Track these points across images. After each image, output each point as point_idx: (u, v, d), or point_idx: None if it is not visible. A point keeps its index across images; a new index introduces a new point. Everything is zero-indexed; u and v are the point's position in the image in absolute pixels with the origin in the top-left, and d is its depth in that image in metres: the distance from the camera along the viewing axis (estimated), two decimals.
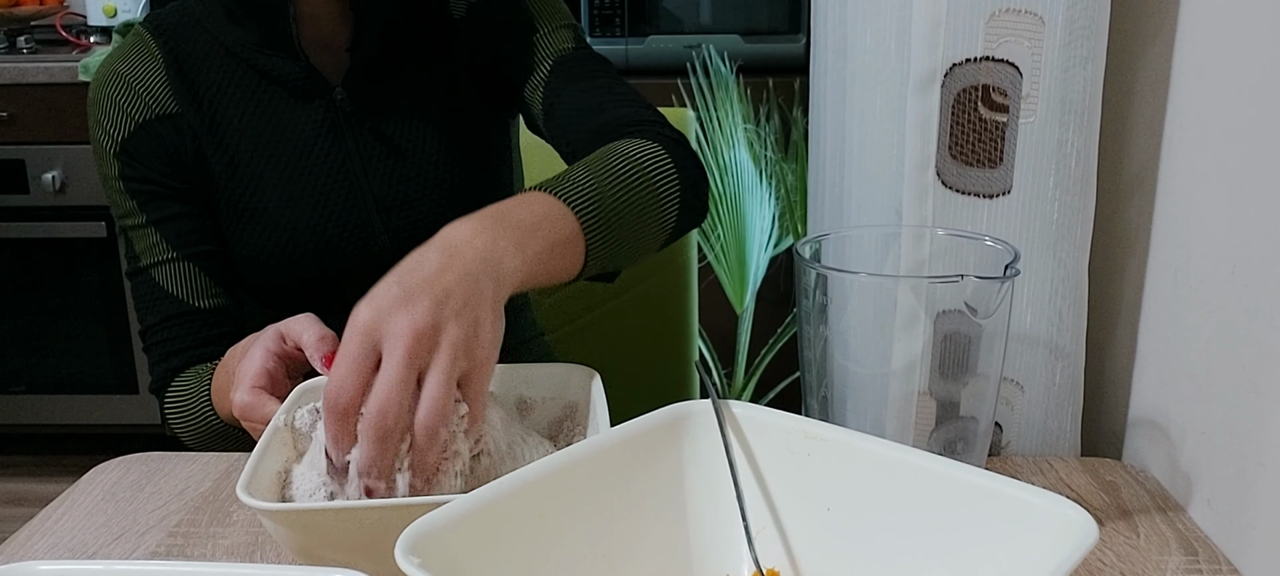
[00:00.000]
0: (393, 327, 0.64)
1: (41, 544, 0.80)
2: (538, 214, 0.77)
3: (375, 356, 0.65)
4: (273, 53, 0.97)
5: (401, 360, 0.63)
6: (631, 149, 0.88)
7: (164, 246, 0.97)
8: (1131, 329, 0.92)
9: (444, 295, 0.66)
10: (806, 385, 0.78)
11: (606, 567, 0.62)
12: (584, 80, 1.00)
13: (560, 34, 1.03)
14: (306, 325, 0.81)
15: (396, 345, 0.64)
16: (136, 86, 0.98)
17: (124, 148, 0.97)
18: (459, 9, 1.04)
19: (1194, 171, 0.83)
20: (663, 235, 0.90)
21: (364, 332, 0.64)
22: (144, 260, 0.98)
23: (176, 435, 1.00)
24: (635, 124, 0.94)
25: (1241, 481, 0.75)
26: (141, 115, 0.97)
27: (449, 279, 0.67)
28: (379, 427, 0.63)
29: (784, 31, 2.37)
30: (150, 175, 0.97)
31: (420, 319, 0.64)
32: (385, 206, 1.00)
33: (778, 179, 2.22)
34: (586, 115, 0.97)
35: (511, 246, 0.72)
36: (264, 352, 0.82)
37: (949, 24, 0.84)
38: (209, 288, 0.99)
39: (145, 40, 1.00)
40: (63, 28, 2.62)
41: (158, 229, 0.97)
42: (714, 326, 2.28)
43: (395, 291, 0.66)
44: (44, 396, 2.64)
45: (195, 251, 0.98)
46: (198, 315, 0.98)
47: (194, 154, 0.98)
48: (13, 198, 2.48)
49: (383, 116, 1.00)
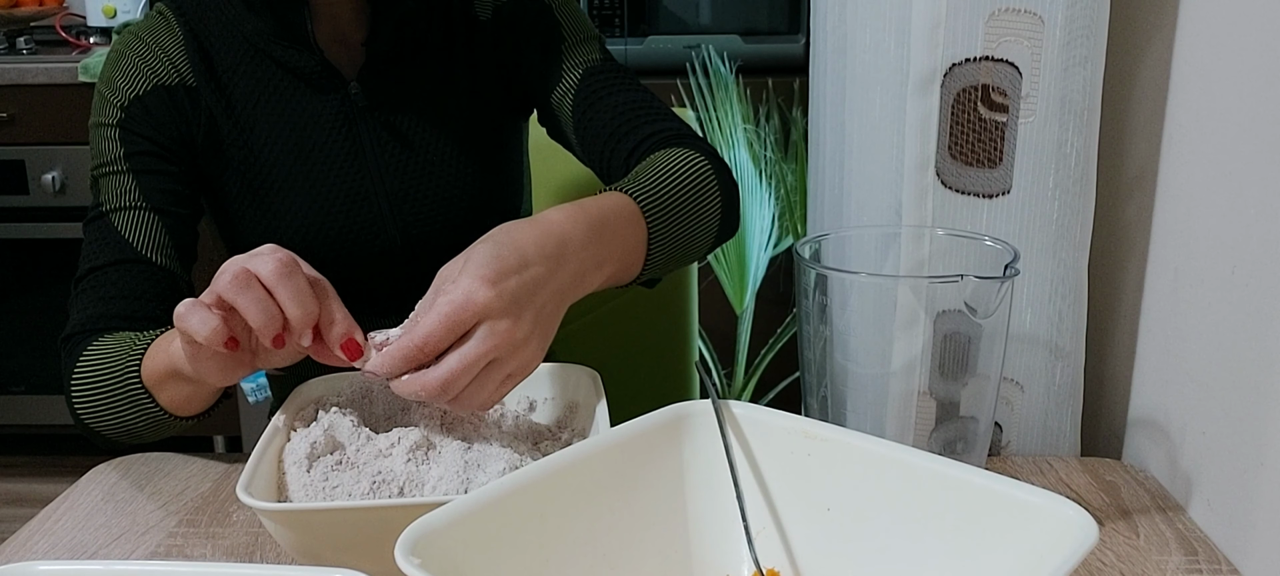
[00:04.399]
0: (496, 326, 0.70)
1: (41, 544, 0.80)
2: (623, 231, 0.83)
3: (471, 327, 0.70)
4: (288, 44, 0.97)
5: (488, 349, 0.70)
6: (682, 159, 0.92)
7: (135, 194, 0.95)
8: (1131, 329, 0.92)
9: (540, 313, 0.73)
10: (806, 385, 0.78)
11: (606, 568, 0.62)
12: (616, 94, 1.01)
13: (588, 45, 1.04)
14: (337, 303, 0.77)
15: (488, 341, 0.70)
16: (159, 52, 0.98)
17: (134, 102, 0.96)
18: (485, 10, 1.04)
19: (1194, 171, 0.83)
20: (707, 244, 0.95)
21: (477, 313, 0.70)
22: (107, 205, 0.96)
23: (73, 397, 0.91)
24: (674, 137, 0.98)
25: (1241, 481, 0.75)
26: (162, 78, 0.97)
27: (547, 294, 0.74)
28: (439, 394, 0.70)
29: (784, 31, 2.37)
30: (152, 133, 0.97)
31: (519, 333, 0.71)
32: (396, 201, 1.00)
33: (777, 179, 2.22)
34: (625, 128, 0.99)
35: (596, 266, 0.79)
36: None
37: (949, 24, 0.84)
38: (165, 245, 0.96)
39: (167, 17, 1.00)
40: (62, 28, 2.62)
41: (136, 178, 0.95)
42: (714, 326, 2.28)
43: (512, 286, 0.71)
44: (44, 396, 2.64)
45: (165, 208, 0.96)
46: (148, 267, 0.95)
47: (206, 131, 0.98)
48: (13, 198, 2.48)
49: (397, 112, 1.00)
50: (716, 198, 0.93)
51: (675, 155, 0.93)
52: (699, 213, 0.91)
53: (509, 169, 1.07)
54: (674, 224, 0.88)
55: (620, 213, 0.83)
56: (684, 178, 0.91)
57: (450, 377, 0.69)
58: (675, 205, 0.88)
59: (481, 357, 0.70)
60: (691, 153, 0.94)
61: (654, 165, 0.91)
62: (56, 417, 2.66)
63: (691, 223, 0.90)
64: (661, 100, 1.04)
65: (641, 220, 0.85)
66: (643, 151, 0.96)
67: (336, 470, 0.71)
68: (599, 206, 0.82)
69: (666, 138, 0.97)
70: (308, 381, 0.81)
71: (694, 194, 0.91)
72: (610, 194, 0.85)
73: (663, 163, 0.91)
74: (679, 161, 0.92)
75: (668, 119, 1.00)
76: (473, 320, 0.70)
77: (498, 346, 0.70)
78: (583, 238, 0.78)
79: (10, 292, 2.59)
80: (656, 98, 1.03)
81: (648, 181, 0.88)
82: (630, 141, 0.98)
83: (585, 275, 0.78)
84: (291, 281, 0.71)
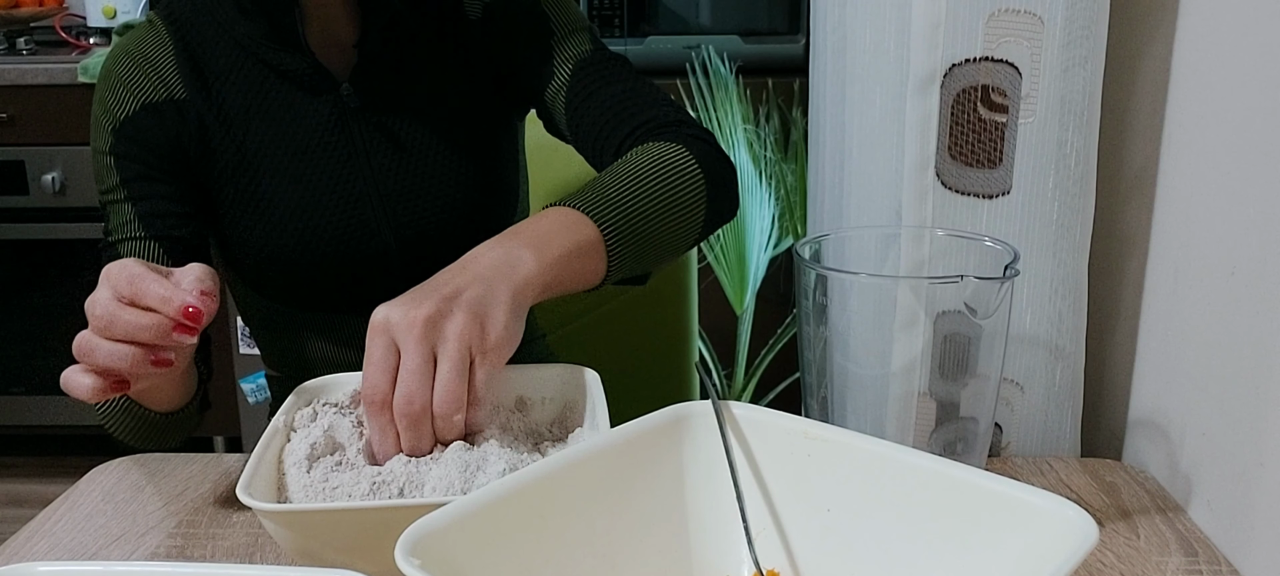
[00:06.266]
0: (404, 321, 0.71)
1: (41, 545, 0.80)
2: (555, 225, 0.82)
3: (396, 352, 0.71)
4: (280, 47, 0.97)
5: (415, 348, 0.70)
6: (653, 152, 0.91)
7: (136, 223, 0.97)
8: (1131, 329, 0.92)
9: (453, 293, 0.73)
10: (806, 385, 0.78)
11: (606, 568, 0.62)
12: (606, 85, 1.00)
13: (578, 37, 1.03)
14: (192, 266, 0.77)
15: (408, 335, 0.70)
16: (147, 68, 0.98)
17: (124, 125, 0.97)
18: (475, 10, 1.04)
19: (1194, 171, 0.83)
20: (692, 234, 0.93)
21: (381, 331, 0.71)
22: (114, 236, 0.98)
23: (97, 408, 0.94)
24: (661, 126, 0.96)
25: (1241, 481, 0.75)
26: (148, 96, 0.98)
27: (461, 280, 0.74)
28: (408, 414, 0.70)
29: (784, 32, 2.37)
30: (143, 155, 0.97)
31: (428, 309, 0.71)
32: (390, 203, 1.00)
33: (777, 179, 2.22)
34: (612, 123, 0.98)
35: (528, 253, 0.78)
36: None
37: (948, 24, 0.84)
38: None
39: (158, 26, 1.00)
40: (62, 29, 2.62)
41: (134, 207, 0.97)
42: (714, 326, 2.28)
43: (408, 295, 0.73)
44: (44, 397, 2.64)
45: (163, 235, 0.97)
46: None
47: (198, 141, 0.98)
48: (13, 198, 2.48)
49: (390, 113, 1.00)
50: (699, 186, 0.92)
51: (652, 150, 0.91)
52: (671, 205, 0.89)
53: (504, 168, 1.07)
54: (634, 219, 0.86)
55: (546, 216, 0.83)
56: (651, 170, 0.89)
57: (407, 389, 0.70)
58: (635, 201, 0.87)
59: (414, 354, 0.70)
60: (668, 144, 0.92)
61: (625, 163, 0.90)
62: (56, 417, 2.66)
63: (660, 216, 0.88)
64: (653, 86, 1.02)
65: (573, 212, 0.83)
66: (627, 146, 0.96)
67: (336, 470, 0.71)
68: (523, 222, 0.82)
69: (651, 129, 0.96)
70: (308, 381, 0.81)
71: (664, 187, 0.89)
72: (544, 210, 0.84)
73: (633, 160, 0.90)
74: (654, 154, 0.91)
75: (654, 108, 0.99)
76: (382, 338, 0.71)
77: (419, 336, 0.70)
78: (497, 241, 0.79)
79: (10, 293, 2.59)
80: (648, 84, 1.02)
81: (599, 186, 0.87)
82: (617, 136, 0.97)
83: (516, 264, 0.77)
84: (126, 313, 0.71)
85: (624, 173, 0.89)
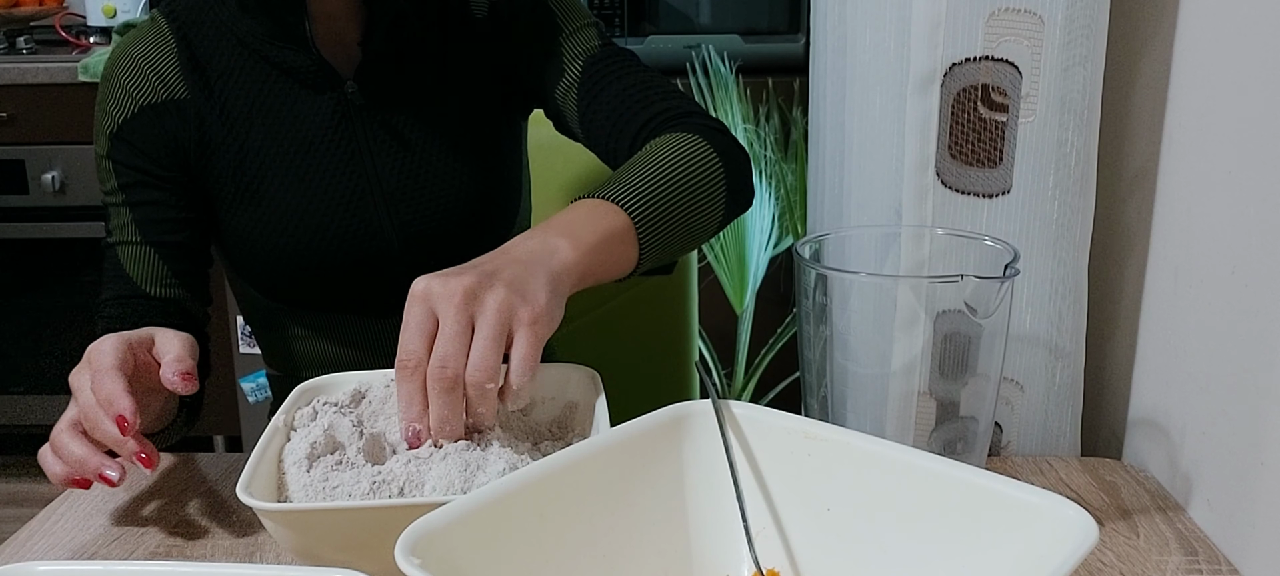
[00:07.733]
0: (444, 290, 0.71)
1: (41, 544, 0.80)
2: (587, 215, 0.82)
3: (434, 320, 0.71)
4: (284, 45, 0.97)
5: (454, 316, 0.70)
6: (673, 143, 0.92)
7: (133, 228, 0.98)
8: (1131, 329, 0.92)
9: (493, 271, 0.73)
10: (806, 385, 0.78)
11: (606, 567, 0.62)
12: (617, 80, 1.00)
13: (585, 33, 1.03)
14: (175, 341, 0.81)
15: (448, 304, 0.71)
16: (146, 69, 0.98)
17: (122, 128, 0.98)
18: (480, 8, 1.04)
19: (1194, 171, 0.83)
20: (715, 222, 0.94)
21: (420, 299, 0.72)
22: (113, 237, 0.99)
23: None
24: (676, 118, 0.97)
25: (1241, 481, 0.75)
26: (146, 98, 0.98)
27: (499, 262, 0.75)
28: (442, 379, 0.69)
29: (784, 31, 2.37)
30: (141, 159, 0.97)
31: (469, 281, 0.71)
32: (393, 201, 1.00)
33: (778, 179, 2.22)
34: (626, 117, 0.98)
35: (564, 242, 0.78)
36: (127, 344, 0.80)
37: (948, 24, 0.84)
38: (164, 276, 0.98)
39: (160, 25, 1.00)
40: (62, 28, 2.62)
41: (132, 211, 0.98)
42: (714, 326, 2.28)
43: (448, 270, 0.74)
44: (44, 396, 2.64)
45: (161, 240, 0.98)
46: (145, 300, 0.98)
47: (197, 141, 0.98)
48: (13, 198, 2.48)
49: (394, 111, 1.00)
50: (719, 175, 0.92)
51: (671, 141, 0.92)
52: (695, 194, 0.90)
53: (507, 168, 1.07)
54: (662, 208, 0.87)
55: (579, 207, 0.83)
56: (674, 160, 0.90)
57: (443, 354, 0.69)
58: (662, 191, 0.87)
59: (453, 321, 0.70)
60: (686, 135, 0.93)
61: (647, 155, 0.90)
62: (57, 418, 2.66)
63: (686, 205, 0.89)
64: (664, 78, 1.02)
65: (605, 203, 0.84)
66: (643, 139, 0.96)
67: (336, 470, 0.71)
68: (556, 215, 0.82)
69: (666, 121, 0.96)
70: (308, 380, 0.81)
71: (687, 176, 0.89)
72: (575, 202, 0.85)
73: (654, 150, 0.91)
74: (675, 145, 0.91)
75: (667, 100, 0.99)
76: (421, 306, 0.71)
77: (459, 305, 0.70)
78: (532, 231, 0.79)
79: (10, 293, 2.59)
80: (657, 76, 1.02)
81: (626, 178, 0.87)
82: (631, 129, 0.98)
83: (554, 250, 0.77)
84: (105, 423, 0.76)
85: (647, 163, 0.89)
